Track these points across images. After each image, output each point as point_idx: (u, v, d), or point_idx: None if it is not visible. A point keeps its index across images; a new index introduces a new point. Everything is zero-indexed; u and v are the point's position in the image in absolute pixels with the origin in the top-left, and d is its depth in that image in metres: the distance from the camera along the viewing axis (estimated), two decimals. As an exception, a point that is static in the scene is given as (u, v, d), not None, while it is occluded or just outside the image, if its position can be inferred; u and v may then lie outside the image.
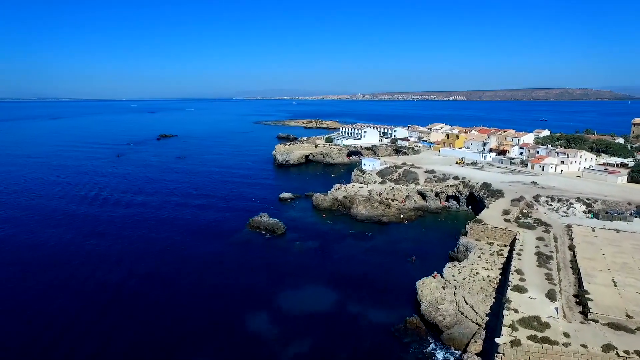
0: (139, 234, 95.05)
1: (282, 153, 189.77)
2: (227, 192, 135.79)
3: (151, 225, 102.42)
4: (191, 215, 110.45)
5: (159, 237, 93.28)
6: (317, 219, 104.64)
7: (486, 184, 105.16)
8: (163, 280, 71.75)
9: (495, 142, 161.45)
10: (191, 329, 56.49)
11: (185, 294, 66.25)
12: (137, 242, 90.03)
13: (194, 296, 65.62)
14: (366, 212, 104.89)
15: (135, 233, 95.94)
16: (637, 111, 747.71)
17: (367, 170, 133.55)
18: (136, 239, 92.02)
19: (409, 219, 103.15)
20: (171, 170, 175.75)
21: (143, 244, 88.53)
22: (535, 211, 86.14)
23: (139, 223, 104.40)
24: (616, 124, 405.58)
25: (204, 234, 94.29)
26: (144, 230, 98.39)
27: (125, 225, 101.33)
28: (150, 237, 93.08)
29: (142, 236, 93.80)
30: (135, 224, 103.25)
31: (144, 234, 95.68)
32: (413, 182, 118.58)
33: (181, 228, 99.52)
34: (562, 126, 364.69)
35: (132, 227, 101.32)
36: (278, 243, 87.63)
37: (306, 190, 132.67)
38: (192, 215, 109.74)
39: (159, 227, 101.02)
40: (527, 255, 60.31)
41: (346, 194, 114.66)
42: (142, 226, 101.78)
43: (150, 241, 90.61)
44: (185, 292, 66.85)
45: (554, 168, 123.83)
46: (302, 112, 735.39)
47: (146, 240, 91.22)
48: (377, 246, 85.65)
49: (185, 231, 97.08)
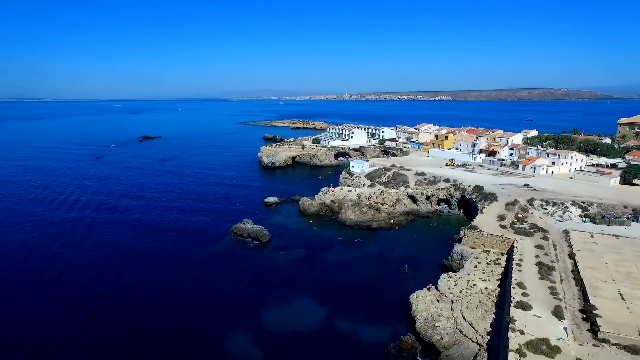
0: (113, 242, 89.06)
1: (268, 155, 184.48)
2: (211, 196, 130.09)
3: (126, 232, 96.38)
4: (170, 221, 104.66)
5: (134, 245, 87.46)
6: (304, 225, 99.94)
7: (478, 187, 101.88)
8: (138, 293, 66.23)
9: (484, 142, 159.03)
10: (166, 349, 51.27)
11: (161, 310, 60.88)
12: (110, 250, 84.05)
13: (169, 312, 60.29)
14: (355, 218, 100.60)
15: (110, 240, 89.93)
16: (617, 111, 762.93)
17: (356, 172, 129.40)
18: (109, 247, 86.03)
19: (400, 224, 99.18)
20: (152, 173, 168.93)
21: (117, 253, 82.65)
22: (530, 216, 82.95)
23: (114, 229, 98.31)
24: (599, 124, 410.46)
25: (183, 243, 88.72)
26: (119, 237, 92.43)
27: (98, 232, 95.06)
28: (124, 245, 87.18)
29: (117, 244, 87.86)
30: (109, 231, 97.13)
31: (118, 241, 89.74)
32: (403, 185, 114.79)
33: (159, 236, 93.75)
34: (547, 126, 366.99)
35: (107, 233, 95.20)
36: (262, 252, 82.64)
37: (293, 193, 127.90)
38: (172, 222, 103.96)
39: (135, 234, 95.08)
40: (528, 266, 56.64)
41: (334, 198, 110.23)
42: (118, 233, 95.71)
43: (125, 249, 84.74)
44: (160, 308, 61.46)
45: (545, 169, 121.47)
46: (289, 112, 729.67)
47: (120, 248, 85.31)
48: (367, 254, 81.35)
49: (163, 239, 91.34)
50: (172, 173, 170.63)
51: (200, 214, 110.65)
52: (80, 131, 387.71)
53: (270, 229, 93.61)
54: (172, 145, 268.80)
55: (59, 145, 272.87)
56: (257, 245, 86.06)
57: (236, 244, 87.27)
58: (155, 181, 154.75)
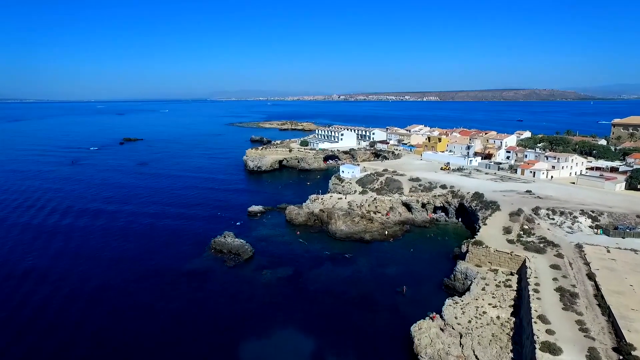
0: (75, 252, 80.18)
1: (254, 158, 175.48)
2: (190, 204, 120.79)
3: (91, 242, 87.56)
4: (141, 231, 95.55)
5: (96, 257, 78.85)
6: (290, 237, 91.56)
7: (478, 194, 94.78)
8: (91, 316, 57.46)
9: (479, 145, 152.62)
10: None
11: (115, 342, 51.98)
12: (70, 262, 74.77)
13: (124, 344, 51.44)
14: (346, 229, 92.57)
15: (72, 250, 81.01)
16: (601, 111, 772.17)
17: (346, 178, 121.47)
18: (70, 258, 76.73)
19: (394, 235, 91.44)
20: (130, 179, 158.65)
21: (78, 265, 73.36)
22: (537, 227, 75.91)
23: (78, 238, 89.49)
24: (588, 124, 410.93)
25: (153, 258, 79.64)
26: (81, 247, 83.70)
27: (60, 240, 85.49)
28: (86, 257, 78.28)
29: (79, 255, 78.80)
30: (73, 239, 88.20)
31: (80, 252, 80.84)
32: (397, 192, 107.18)
33: (126, 248, 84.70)
34: (536, 126, 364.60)
35: (70, 242, 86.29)
36: (243, 272, 74.03)
37: (279, 201, 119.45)
38: (142, 232, 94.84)
39: (100, 244, 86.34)
40: (547, 292, 49.22)
41: (323, 206, 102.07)
42: (82, 242, 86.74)
43: (86, 261, 75.64)
44: (121, 343, 52.55)
45: (546, 174, 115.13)
46: (277, 113, 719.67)
47: (81, 259, 76.12)
48: (359, 272, 73.38)
49: (130, 252, 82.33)
50: (150, 177, 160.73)
51: (177, 224, 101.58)
52: (59, 133, 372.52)
53: (253, 243, 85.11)
54: (154, 148, 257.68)
55: (35, 147, 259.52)
56: (238, 262, 77.35)
57: (214, 261, 78.47)
58: (131, 186, 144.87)
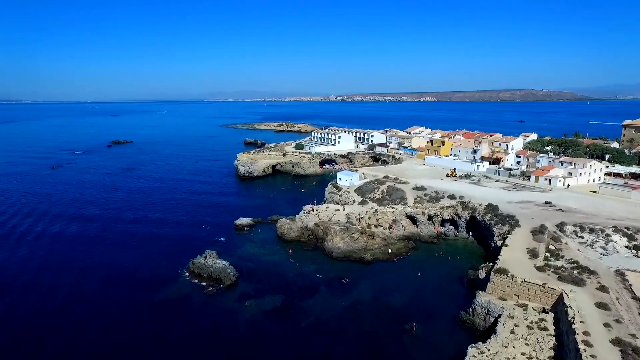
0: (32, 279, 68.67)
1: (245, 163, 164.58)
2: (172, 215, 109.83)
3: (56, 264, 76.43)
4: (114, 250, 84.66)
5: (53, 282, 67.95)
6: (281, 256, 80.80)
7: (492, 207, 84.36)
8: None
9: (486, 149, 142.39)
10: None
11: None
12: (20, 289, 63.70)
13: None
14: (344, 246, 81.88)
15: (29, 278, 69.54)
16: (598, 111, 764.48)
17: (344, 186, 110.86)
18: (26, 286, 65.64)
19: (399, 253, 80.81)
20: (109, 185, 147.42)
21: (30, 292, 62.35)
22: (565, 247, 65.60)
23: (38, 257, 78.15)
24: (586, 125, 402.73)
25: (120, 288, 68.61)
26: (43, 273, 72.29)
27: (14, 264, 74.40)
28: (40, 284, 67.09)
29: (32, 284, 67.50)
30: (31, 258, 76.94)
31: (41, 278, 69.44)
32: (400, 203, 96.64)
33: (95, 272, 73.86)
34: (539, 127, 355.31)
35: (27, 262, 75.06)
36: (223, 302, 63.25)
37: (270, 211, 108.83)
38: (115, 252, 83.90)
39: (65, 266, 75.55)
40: (601, 346, 38.74)
41: (318, 220, 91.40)
42: (43, 266, 75.46)
43: (40, 288, 64.61)
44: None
45: (562, 181, 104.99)
46: (273, 114, 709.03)
47: (35, 286, 64.98)
48: (360, 302, 62.74)
49: (96, 279, 71.32)
50: (133, 184, 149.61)
51: (153, 238, 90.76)
52: (46, 136, 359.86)
53: (238, 264, 74.44)
54: (143, 151, 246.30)
55: (17, 151, 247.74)
56: (218, 290, 66.62)
57: (191, 288, 67.64)
58: (110, 193, 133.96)
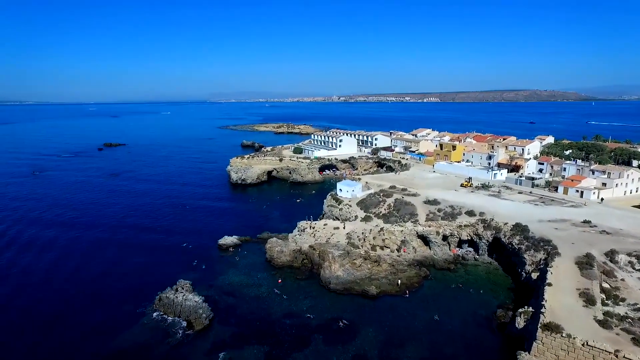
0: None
1: (238, 169, 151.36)
2: (148, 232, 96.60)
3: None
4: (74, 275, 72.07)
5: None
6: (268, 287, 67.43)
7: (520, 227, 70.78)
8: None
9: (503, 154, 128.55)
10: None
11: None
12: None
13: None
14: (344, 275, 68.37)
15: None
16: (605, 112, 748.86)
17: (345, 198, 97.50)
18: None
19: (409, 284, 67.27)
20: (87, 194, 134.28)
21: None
22: (623, 286, 52.01)
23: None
24: (592, 126, 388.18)
25: (69, 329, 55.47)
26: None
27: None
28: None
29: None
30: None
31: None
32: (410, 219, 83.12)
33: (40, 308, 60.67)
34: (549, 129, 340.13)
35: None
36: (191, 354, 49.94)
37: (261, 227, 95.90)
38: (75, 277, 71.21)
39: (11, 300, 62.20)
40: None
41: (315, 241, 77.98)
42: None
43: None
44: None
45: (597, 194, 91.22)
46: (274, 115, 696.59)
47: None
48: (363, 357, 49.25)
49: (41, 315, 58.25)
50: (115, 192, 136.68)
51: (121, 263, 77.69)
52: (37, 138, 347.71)
53: (215, 299, 61.53)
54: (134, 155, 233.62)
55: (1, 154, 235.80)
56: (187, 336, 53.36)
57: (153, 333, 54.33)
58: (87, 205, 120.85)
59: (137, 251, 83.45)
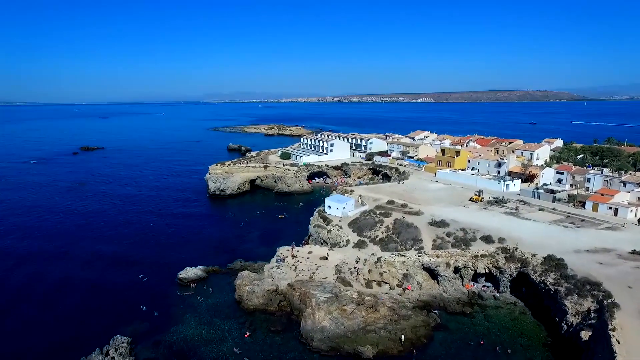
0: None
1: (217, 178, 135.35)
2: (98, 262, 79.82)
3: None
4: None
5: None
6: (232, 342, 51.76)
7: (554, 261, 55.79)
8: None
9: (514, 161, 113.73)
10: None
11: None
12: None
13: None
14: (332, 326, 52.85)
15: None
16: (598, 112, 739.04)
17: (334, 217, 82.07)
18: None
19: (416, 338, 51.93)
20: (42, 209, 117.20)
21: None
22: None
23: None
24: (593, 126, 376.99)
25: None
26: None
27: None
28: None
29: None
30: None
31: None
32: (413, 246, 67.85)
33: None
34: (550, 130, 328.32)
35: None
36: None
37: (233, 252, 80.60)
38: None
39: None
40: None
41: (295, 277, 62.41)
42: None
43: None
44: None
45: (635, 211, 76.51)
46: (266, 116, 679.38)
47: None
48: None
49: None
50: (74, 207, 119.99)
51: (48, 310, 61.24)
52: (11, 141, 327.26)
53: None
54: (110, 160, 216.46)
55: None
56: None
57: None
58: (34, 220, 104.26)
59: (72, 292, 66.61)
